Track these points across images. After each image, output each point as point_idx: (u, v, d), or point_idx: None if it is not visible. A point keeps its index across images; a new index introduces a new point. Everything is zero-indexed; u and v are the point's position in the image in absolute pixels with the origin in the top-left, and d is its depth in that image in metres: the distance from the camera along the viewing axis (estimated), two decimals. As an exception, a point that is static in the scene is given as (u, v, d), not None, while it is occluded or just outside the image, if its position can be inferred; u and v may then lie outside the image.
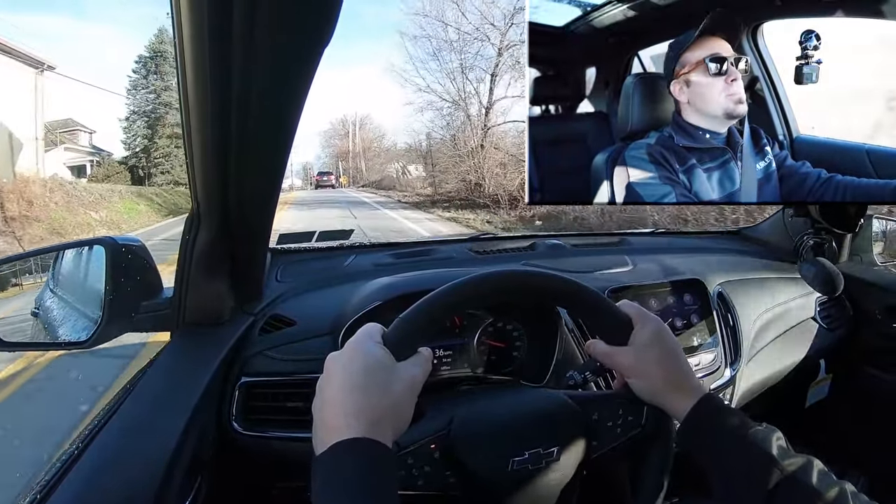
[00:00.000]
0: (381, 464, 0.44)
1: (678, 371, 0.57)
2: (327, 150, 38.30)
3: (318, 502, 0.41)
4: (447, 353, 0.87)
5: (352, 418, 0.45)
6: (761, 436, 0.51)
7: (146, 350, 2.92)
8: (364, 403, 0.46)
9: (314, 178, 29.23)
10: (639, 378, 0.58)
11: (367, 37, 66.06)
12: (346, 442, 0.44)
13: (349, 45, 28.85)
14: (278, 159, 0.66)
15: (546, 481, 0.56)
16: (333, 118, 28.17)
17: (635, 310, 0.60)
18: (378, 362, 0.49)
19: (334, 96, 36.11)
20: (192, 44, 0.48)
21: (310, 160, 48.96)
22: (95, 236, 0.82)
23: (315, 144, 35.76)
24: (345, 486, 0.42)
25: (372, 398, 0.46)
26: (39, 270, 0.89)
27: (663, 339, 0.58)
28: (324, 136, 29.59)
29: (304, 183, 56.28)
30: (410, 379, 0.50)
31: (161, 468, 0.58)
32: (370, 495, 0.42)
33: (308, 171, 53.85)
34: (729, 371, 0.98)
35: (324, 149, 37.42)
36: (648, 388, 0.58)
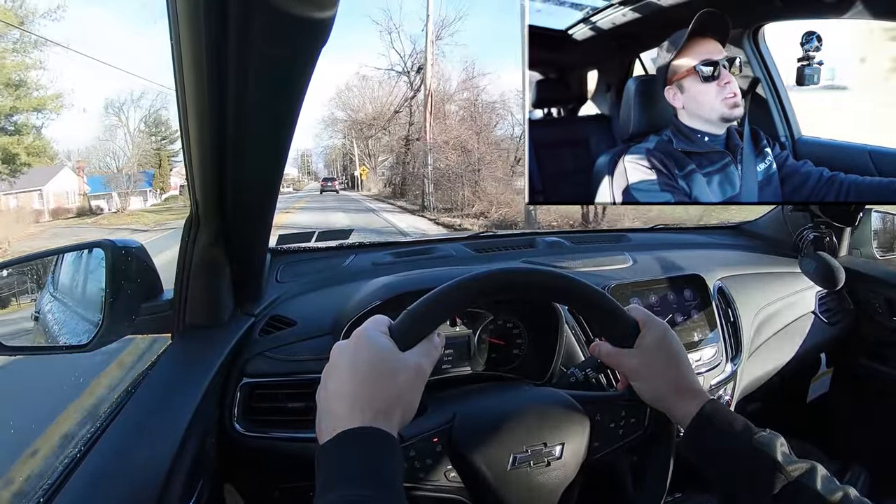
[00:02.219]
0: (387, 453, 0.44)
1: (682, 376, 0.57)
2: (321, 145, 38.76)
3: (324, 490, 0.41)
4: (448, 351, 0.87)
5: (358, 408, 0.45)
6: (766, 441, 0.52)
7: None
8: (370, 393, 0.46)
9: (321, 183, 32.84)
10: (643, 381, 0.58)
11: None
12: (352, 431, 0.44)
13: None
14: (277, 161, 0.66)
15: (547, 479, 0.56)
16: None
17: (643, 314, 0.60)
18: (384, 352, 0.49)
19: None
20: (190, 46, 0.48)
21: (308, 146, 48.55)
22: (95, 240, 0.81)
23: (310, 135, 35.72)
24: (350, 475, 0.42)
25: (378, 388, 0.47)
26: (39, 275, 0.88)
27: (669, 343, 0.58)
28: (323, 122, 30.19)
29: (301, 174, 56.07)
30: (416, 368, 0.50)
31: (163, 470, 0.59)
32: (376, 484, 0.42)
33: (305, 158, 53.71)
34: (730, 366, 0.99)
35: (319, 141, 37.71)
36: (652, 392, 0.58)
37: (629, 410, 0.60)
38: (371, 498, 0.41)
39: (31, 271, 0.87)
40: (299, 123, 0.61)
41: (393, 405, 0.47)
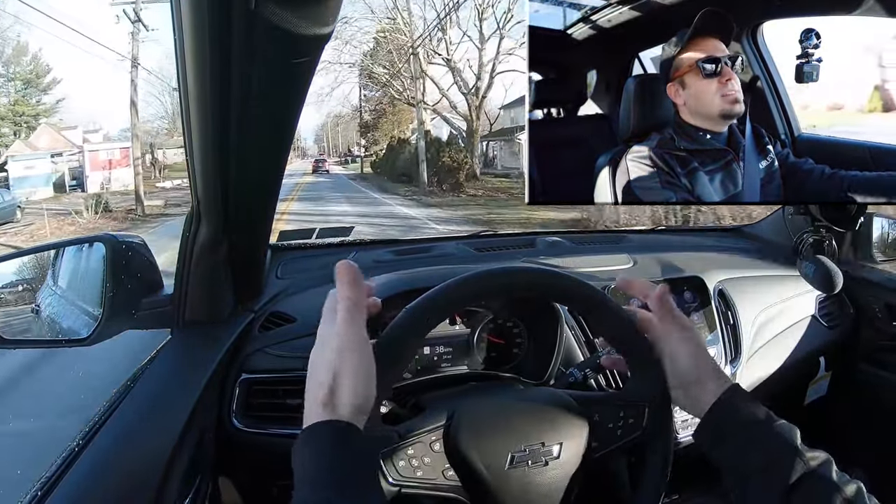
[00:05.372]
0: (338, 447, 0.43)
1: (707, 362, 0.57)
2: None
3: (297, 487, 0.41)
4: (447, 350, 0.87)
5: (308, 402, 0.45)
6: (787, 428, 0.52)
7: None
8: (310, 382, 0.46)
9: (312, 164, 31.75)
10: (674, 361, 0.57)
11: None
12: (306, 429, 0.44)
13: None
14: (278, 156, 0.66)
15: (545, 479, 0.56)
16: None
17: (656, 329, 0.58)
18: (322, 330, 0.48)
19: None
20: (193, 41, 0.48)
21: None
22: (95, 234, 0.81)
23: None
24: (307, 477, 0.41)
25: (314, 374, 0.46)
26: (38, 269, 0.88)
27: (693, 337, 0.57)
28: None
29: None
30: (339, 336, 0.47)
31: (161, 465, 0.59)
32: (332, 485, 0.41)
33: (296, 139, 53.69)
34: (729, 368, 0.99)
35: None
36: (681, 374, 0.56)
37: (627, 410, 0.60)
38: (330, 499, 0.40)
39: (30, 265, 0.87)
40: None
41: (332, 390, 0.44)
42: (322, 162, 31.64)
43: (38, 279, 0.87)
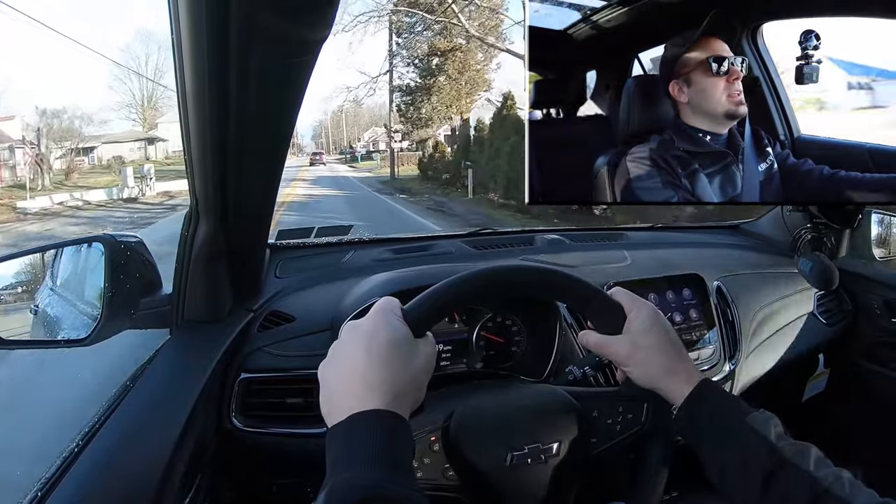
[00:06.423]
0: (402, 436, 0.45)
1: (675, 356, 0.57)
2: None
3: (335, 471, 0.41)
4: (446, 348, 0.87)
5: (374, 389, 0.45)
6: (759, 421, 0.52)
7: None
8: (387, 376, 0.46)
9: (309, 157, 35.02)
10: (636, 366, 0.57)
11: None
12: (366, 412, 0.44)
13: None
14: (277, 155, 0.66)
15: (544, 476, 0.56)
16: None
17: (627, 297, 0.59)
18: (401, 336, 0.49)
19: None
20: (191, 40, 0.48)
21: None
22: (94, 234, 0.81)
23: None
24: (363, 456, 0.42)
25: (395, 371, 0.47)
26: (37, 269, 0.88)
27: (658, 324, 0.58)
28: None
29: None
30: (427, 356, 0.50)
31: (161, 465, 0.59)
32: (391, 466, 0.42)
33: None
34: (728, 365, 0.99)
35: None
36: (646, 375, 0.57)
37: (626, 407, 0.60)
38: (383, 480, 0.41)
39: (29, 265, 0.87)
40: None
41: (407, 390, 0.47)
42: (319, 155, 34.75)
43: (37, 280, 0.87)
